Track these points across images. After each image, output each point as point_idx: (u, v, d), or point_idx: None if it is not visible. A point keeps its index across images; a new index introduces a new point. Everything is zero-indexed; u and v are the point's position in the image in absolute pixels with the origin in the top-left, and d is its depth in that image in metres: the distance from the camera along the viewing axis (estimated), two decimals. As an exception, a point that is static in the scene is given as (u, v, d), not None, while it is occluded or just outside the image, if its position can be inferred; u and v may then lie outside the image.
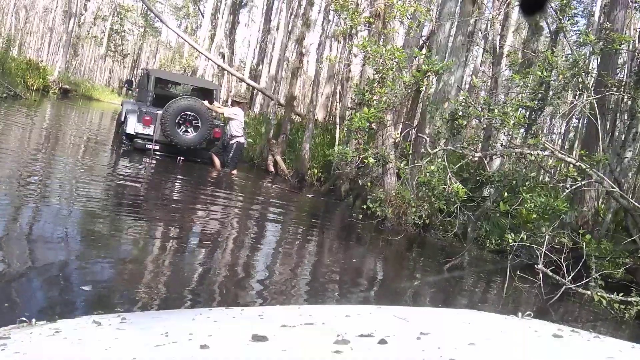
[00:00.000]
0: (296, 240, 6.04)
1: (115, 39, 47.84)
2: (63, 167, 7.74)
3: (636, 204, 5.93)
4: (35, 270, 3.39)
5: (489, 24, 15.22)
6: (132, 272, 3.77)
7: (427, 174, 6.18)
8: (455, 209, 6.11)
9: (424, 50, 10.05)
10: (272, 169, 11.74)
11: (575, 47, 6.80)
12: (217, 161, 10.13)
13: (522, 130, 7.88)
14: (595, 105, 6.22)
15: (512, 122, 6.05)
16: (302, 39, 13.06)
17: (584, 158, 5.75)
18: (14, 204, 5.04)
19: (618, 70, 8.14)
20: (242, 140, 10.15)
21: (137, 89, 12.04)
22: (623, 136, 7.22)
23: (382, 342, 1.05)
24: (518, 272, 5.06)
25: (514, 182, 6.74)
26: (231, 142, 10.00)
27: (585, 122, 11.34)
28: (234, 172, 9.99)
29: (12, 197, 5.26)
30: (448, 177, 6.09)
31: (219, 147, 10.18)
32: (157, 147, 9.95)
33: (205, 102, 10.03)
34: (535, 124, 7.47)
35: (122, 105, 11.60)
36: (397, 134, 8.30)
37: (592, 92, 6.58)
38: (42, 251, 3.82)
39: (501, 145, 7.22)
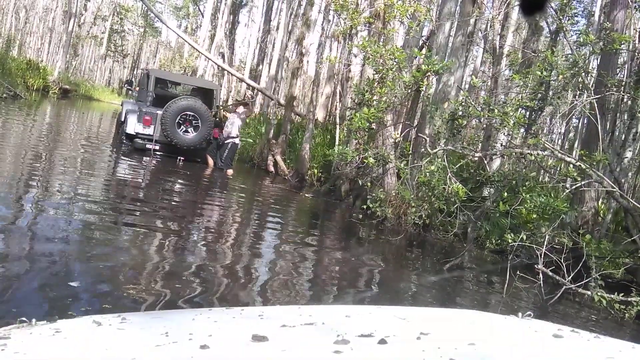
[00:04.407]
0: (296, 240, 6.03)
1: (115, 39, 47.84)
2: (63, 166, 7.74)
3: (636, 204, 5.92)
4: (30, 267, 3.40)
5: (489, 24, 15.21)
6: (129, 271, 3.77)
7: (427, 174, 6.17)
8: (455, 209, 6.11)
9: (424, 50, 10.04)
10: (272, 169, 11.75)
11: (575, 47, 6.78)
12: (210, 161, 10.23)
13: (522, 130, 7.88)
14: (595, 105, 6.21)
15: (512, 122, 6.05)
16: (302, 39, 13.05)
17: (584, 158, 5.75)
18: (14, 203, 5.04)
19: (618, 70, 8.12)
20: (237, 141, 10.21)
21: (137, 89, 12.04)
22: (623, 136, 7.21)
23: (382, 342, 1.05)
24: (518, 272, 5.06)
25: (513, 182, 6.74)
26: (226, 141, 10.02)
27: (585, 122, 11.34)
28: (230, 171, 9.98)
29: (11, 196, 5.26)
30: (448, 177, 6.09)
31: (213, 147, 10.21)
32: (157, 147, 9.95)
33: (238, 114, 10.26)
34: (535, 124, 7.47)
35: (122, 105, 11.61)
36: (397, 134, 8.30)
37: (592, 92, 6.57)
38: (38, 248, 3.82)
39: (501, 145, 7.22)
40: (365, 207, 7.21)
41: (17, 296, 2.97)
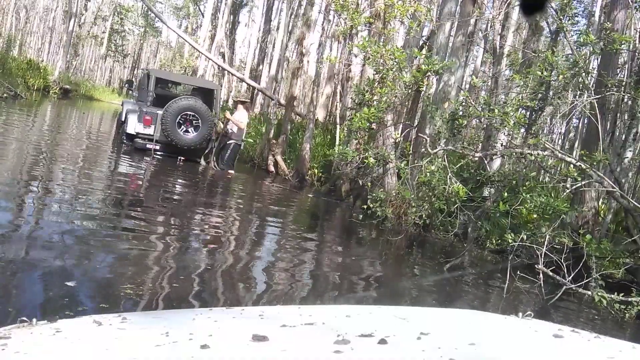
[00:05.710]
0: (297, 240, 6.03)
1: (115, 39, 47.85)
2: (63, 166, 7.74)
3: (636, 204, 5.92)
4: (29, 265, 3.40)
5: (489, 24, 15.21)
6: (130, 271, 3.77)
7: (428, 174, 6.17)
8: (456, 209, 6.11)
9: (424, 51, 10.04)
10: (272, 169, 11.75)
11: (575, 47, 6.77)
12: (211, 161, 10.22)
13: (522, 130, 7.88)
14: (596, 105, 6.21)
15: (512, 122, 6.05)
16: (302, 39, 13.04)
17: (584, 158, 5.75)
18: (13, 202, 5.04)
19: (618, 70, 8.11)
20: (239, 142, 10.22)
21: (138, 89, 12.05)
22: (623, 136, 7.20)
23: (382, 342, 1.05)
24: (518, 272, 5.05)
25: (514, 182, 6.73)
26: (228, 142, 10.03)
27: (585, 122, 11.33)
28: (231, 172, 9.99)
29: (11, 196, 5.26)
30: (448, 177, 6.09)
31: (213, 147, 10.22)
32: (157, 147, 9.96)
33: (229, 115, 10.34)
34: (536, 124, 7.47)
35: (122, 105, 11.62)
36: (397, 134, 8.29)
37: (592, 92, 6.56)
38: (37, 247, 3.82)
39: (501, 145, 7.21)
40: (365, 207, 7.20)
41: (16, 295, 2.97)
